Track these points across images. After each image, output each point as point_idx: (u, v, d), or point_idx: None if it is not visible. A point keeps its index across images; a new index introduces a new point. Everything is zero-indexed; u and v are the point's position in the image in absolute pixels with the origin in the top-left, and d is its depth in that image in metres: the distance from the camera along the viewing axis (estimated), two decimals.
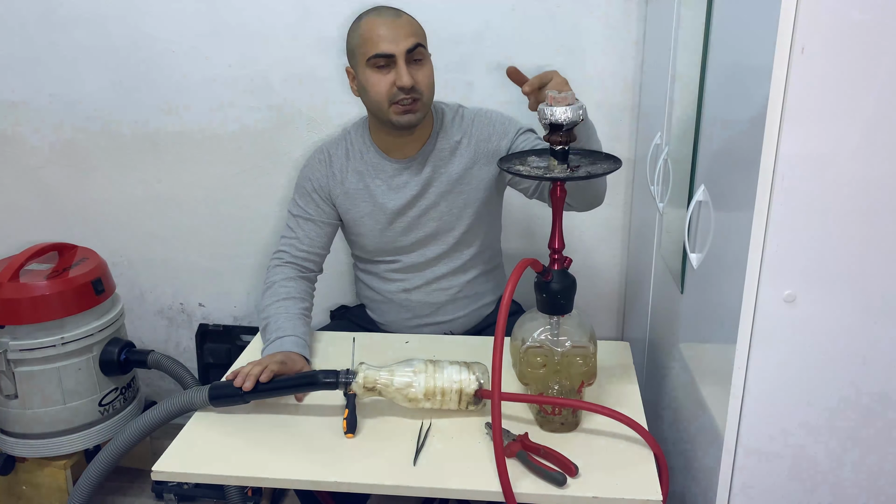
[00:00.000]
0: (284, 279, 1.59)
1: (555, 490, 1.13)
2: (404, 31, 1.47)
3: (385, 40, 1.45)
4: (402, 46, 1.45)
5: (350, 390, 1.28)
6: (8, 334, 1.81)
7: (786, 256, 0.97)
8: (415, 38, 1.47)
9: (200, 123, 2.01)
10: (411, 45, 1.46)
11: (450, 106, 1.66)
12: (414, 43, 1.47)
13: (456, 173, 1.60)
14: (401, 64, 1.46)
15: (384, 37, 1.46)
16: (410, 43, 1.46)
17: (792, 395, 1.04)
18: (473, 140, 1.60)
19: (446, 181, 1.61)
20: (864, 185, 0.94)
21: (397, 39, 1.46)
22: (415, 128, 1.54)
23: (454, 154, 1.61)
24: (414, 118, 1.51)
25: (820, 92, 0.90)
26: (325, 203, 1.64)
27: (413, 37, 1.47)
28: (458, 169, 1.60)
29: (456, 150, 1.61)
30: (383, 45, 1.45)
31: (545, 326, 1.27)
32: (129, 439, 1.38)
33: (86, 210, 2.13)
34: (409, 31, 1.47)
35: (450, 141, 1.61)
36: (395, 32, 1.46)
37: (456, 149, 1.61)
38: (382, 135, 1.59)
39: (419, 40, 1.49)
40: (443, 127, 1.62)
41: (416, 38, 1.48)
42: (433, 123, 1.61)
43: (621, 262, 2.05)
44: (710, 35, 1.21)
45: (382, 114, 1.51)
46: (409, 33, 1.47)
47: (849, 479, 1.08)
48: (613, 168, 1.21)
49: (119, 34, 1.95)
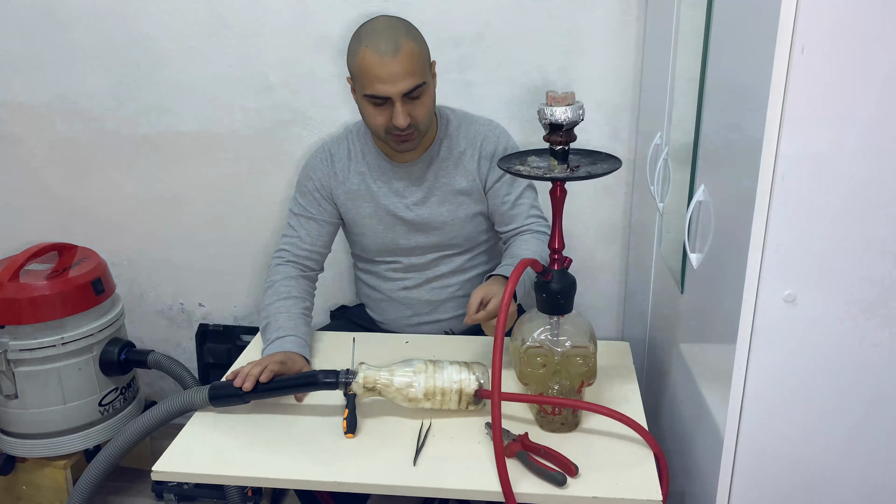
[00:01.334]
0: (285, 278, 1.59)
1: (555, 490, 1.13)
2: (402, 70, 1.40)
3: (382, 82, 1.40)
4: (398, 88, 1.41)
5: (350, 390, 1.28)
6: (8, 334, 1.81)
7: (786, 256, 0.97)
8: (412, 79, 1.42)
9: (200, 123, 2.01)
10: (409, 87, 1.41)
11: (455, 112, 1.65)
12: (412, 85, 1.42)
13: (458, 183, 1.60)
14: (398, 106, 1.42)
15: (381, 78, 1.40)
16: (408, 85, 1.41)
17: (792, 395, 1.04)
18: (477, 154, 1.61)
19: (448, 189, 1.61)
20: (864, 185, 0.94)
21: (395, 81, 1.40)
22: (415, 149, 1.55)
23: (458, 164, 1.61)
24: (411, 146, 1.52)
25: (820, 92, 0.90)
26: (327, 202, 1.64)
27: (411, 77, 1.41)
28: (460, 179, 1.61)
29: (460, 160, 1.61)
30: (380, 87, 1.41)
31: (545, 326, 1.27)
32: (129, 439, 1.38)
33: (86, 210, 2.13)
34: (407, 69, 1.41)
35: (453, 150, 1.61)
36: (393, 74, 1.40)
37: (460, 159, 1.61)
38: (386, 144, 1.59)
39: (417, 80, 1.43)
40: (447, 134, 1.61)
41: (414, 79, 1.42)
42: (437, 129, 1.61)
43: (621, 262, 2.05)
44: (711, 35, 1.21)
45: (380, 138, 1.53)
46: (407, 72, 1.41)
47: (848, 478, 1.08)
48: (613, 168, 1.21)
49: (119, 34, 1.94)
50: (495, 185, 1.61)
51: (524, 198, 1.62)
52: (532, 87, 1.88)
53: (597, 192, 1.97)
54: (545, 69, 1.86)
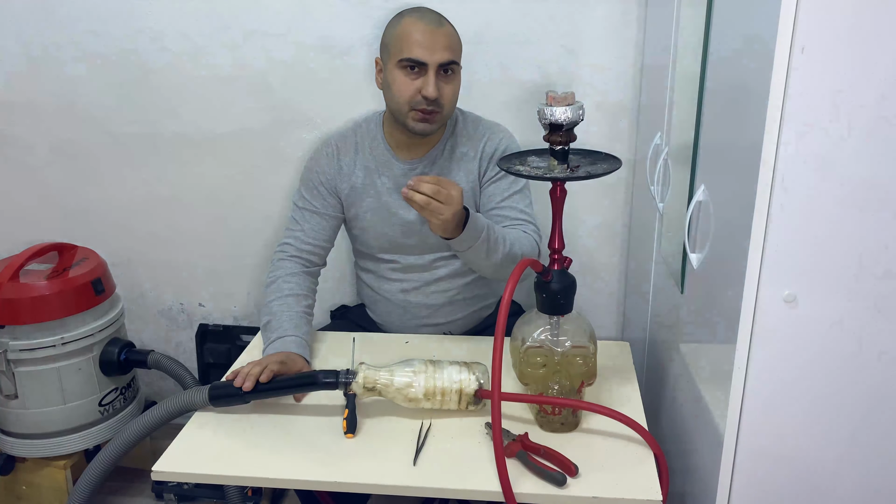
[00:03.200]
0: (288, 275, 1.59)
1: (555, 490, 1.13)
2: (442, 42, 1.45)
3: (421, 47, 1.44)
4: (436, 58, 1.45)
5: (350, 390, 1.28)
6: (8, 334, 1.81)
7: (786, 256, 0.97)
8: (450, 53, 1.46)
9: (200, 124, 2.01)
10: (446, 59, 1.46)
11: (465, 114, 1.66)
12: (449, 58, 1.46)
13: (461, 183, 1.60)
14: (431, 74, 1.45)
15: (421, 43, 1.44)
16: (445, 57, 1.46)
17: (792, 395, 1.04)
18: (478, 155, 1.61)
19: None
20: (864, 185, 0.94)
21: (434, 49, 1.44)
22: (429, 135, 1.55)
23: (460, 165, 1.61)
24: (429, 128, 1.52)
25: (820, 92, 0.90)
26: (331, 196, 1.64)
27: (449, 51, 1.46)
28: (461, 180, 1.60)
29: (462, 161, 1.61)
30: (418, 52, 1.44)
31: (545, 326, 1.27)
32: (128, 439, 1.38)
33: (86, 210, 2.13)
34: (447, 43, 1.46)
35: (456, 150, 1.61)
36: (434, 42, 1.44)
37: (462, 160, 1.61)
38: (396, 132, 1.59)
39: (454, 56, 1.48)
40: (454, 134, 1.62)
41: (452, 54, 1.47)
42: (444, 129, 1.61)
43: (621, 262, 2.05)
44: (710, 35, 1.21)
45: (401, 115, 1.52)
46: (447, 46, 1.46)
47: (848, 478, 1.08)
48: (613, 168, 1.21)
49: (119, 34, 1.94)
50: (488, 186, 1.61)
51: (514, 200, 1.60)
52: (532, 87, 1.88)
53: (597, 192, 1.97)
54: (545, 69, 1.86)
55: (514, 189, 1.60)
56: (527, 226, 1.58)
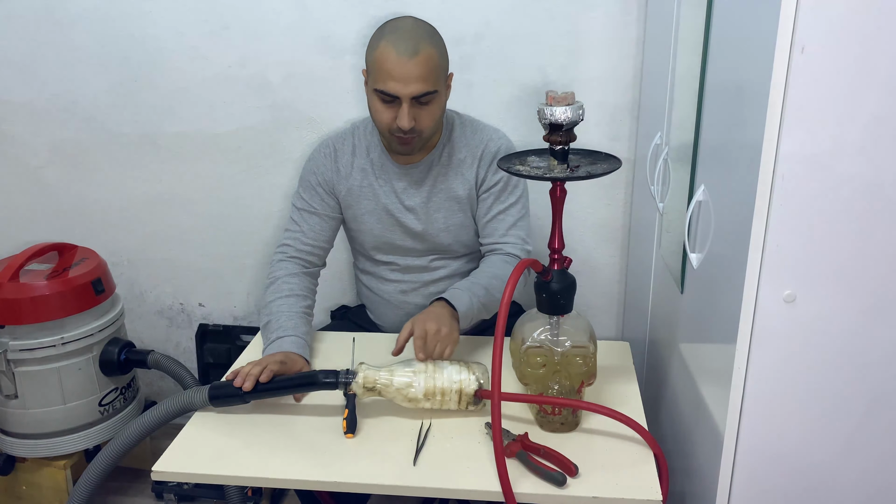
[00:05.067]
0: (287, 275, 1.59)
1: (555, 490, 1.13)
2: (416, 73, 1.40)
3: (394, 79, 1.41)
4: (409, 90, 1.41)
5: (350, 390, 1.28)
6: (8, 334, 1.81)
7: (786, 256, 0.97)
8: (425, 85, 1.41)
9: (200, 123, 2.01)
10: (418, 92, 1.41)
11: (462, 118, 1.65)
12: (422, 91, 1.42)
13: (456, 190, 1.60)
14: (405, 107, 1.42)
15: (394, 76, 1.40)
16: (419, 90, 1.41)
17: (792, 395, 1.04)
18: (476, 162, 1.60)
19: (446, 195, 1.61)
20: (864, 185, 0.94)
21: (407, 82, 1.40)
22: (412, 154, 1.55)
23: (458, 171, 1.61)
24: (410, 149, 1.52)
25: (820, 92, 0.90)
26: (330, 197, 1.64)
27: (422, 82, 1.41)
28: (458, 186, 1.60)
29: (459, 167, 1.60)
30: (391, 85, 1.41)
31: (545, 326, 1.27)
32: (129, 440, 1.38)
33: (86, 210, 2.13)
34: (420, 73, 1.40)
35: (454, 157, 1.61)
36: (407, 74, 1.40)
37: (459, 166, 1.60)
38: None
39: (429, 87, 1.42)
40: (450, 140, 1.61)
41: (426, 85, 1.42)
42: (441, 134, 1.61)
43: (621, 262, 2.05)
44: (711, 35, 1.21)
45: (382, 136, 1.54)
46: (421, 77, 1.41)
47: (848, 478, 1.08)
48: (613, 168, 1.21)
49: (119, 34, 1.94)
50: (484, 195, 1.61)
51: (508, 214, 1.60)
52: (532, 87, 1.88)
53: (597, 192, 1.97)
54: (545, 69, 1.86)
55: (509, 201, 1.60)
56: (516, 245, 1.59)
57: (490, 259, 1.60)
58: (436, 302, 1.46)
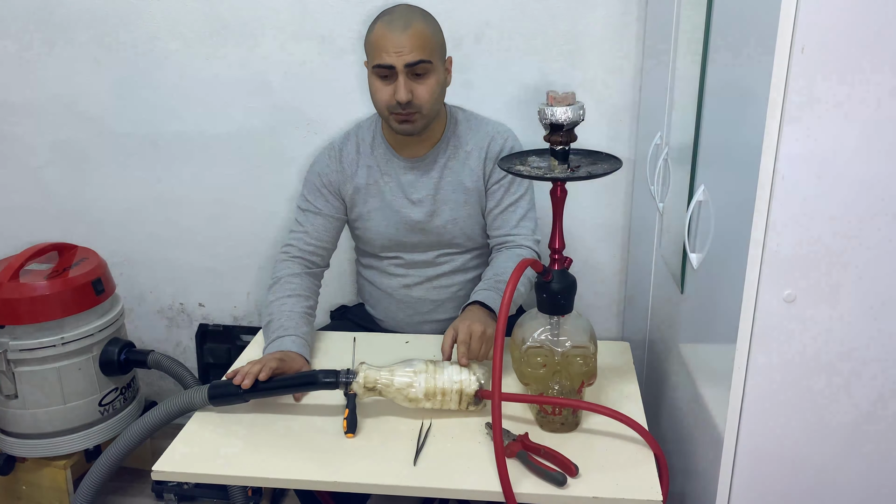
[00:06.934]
0: (290, 275, 1.60)
1: (555, 490, 1.13)
2: (409, 44, 1.44)
3: (387, 52, 1.44)
4: (402, 60, 1.44)
5: (350, 390, 1.28)
6: (8, 334, 1.81)
7: (786, 256, 0.97)
8: (418, 54, 1.45)
9: (200, 123, 2.01)
10: (413, 60, 1.45)
11: (465, 112, 1.66)
12: (416, 59, 1.45)
13: (463, 183, 1.61)
14: (400, 78, 1.46)
15: (388, 48, 1.44)
16: (412, 58, 1.45)
17: (792, 395, 1.04)
18: (483, 155, 1.61)
19: (453, 188, 1.61)
20: (864, 185, 0.94)
21: (401, 52, 1.44)
22: (416, 135, 1.55)
23: (465, 164, 1.61)
24: (411, 128, 1.52)
25: (820, 92, 0.90)
26: (334, 197, 1.65)
27: (417, 51, 1.45)
28: (466, 178, 1.61)
29: (466, 160, 1.61)
30: (385, 57, 1.45)
31: (545, 326, 1.27)
32: (130, 441, 1.38)
33: (86, 210, 2.13)
34: (414, 44, 1.44)
35: (460, 149, 1.62)
36: (400, 45, 1.44)
37: (466, 159, 1.61)
38: (393, 132, 1.60)
39: (423, 56, 1.46)
40: (455, 133, 1.62)
41: (421, 54, 1.45)
42: (445, 127, 1.62)
43: (621, 262, 2.05)
44: (711, 35, 1.21)
45: (384, 118, 1.55)
46: (414, 47, 1.44)
47: (848, 479, 1.08)
48: (613, 168, 1.21)
49: (119, 34, 1.94)
50: (493, 187, 1.62)
51: (518, 207, 1.62)
52: (532, 87, 1.88)
53: (597, 192, 1.97)
54: (545, 69, 1.86)
55: (518, 193, 1.62)
56: (527, 236, 1.61)
57: (504, 254, 1.60)
58: (471, 306, 1.47)
